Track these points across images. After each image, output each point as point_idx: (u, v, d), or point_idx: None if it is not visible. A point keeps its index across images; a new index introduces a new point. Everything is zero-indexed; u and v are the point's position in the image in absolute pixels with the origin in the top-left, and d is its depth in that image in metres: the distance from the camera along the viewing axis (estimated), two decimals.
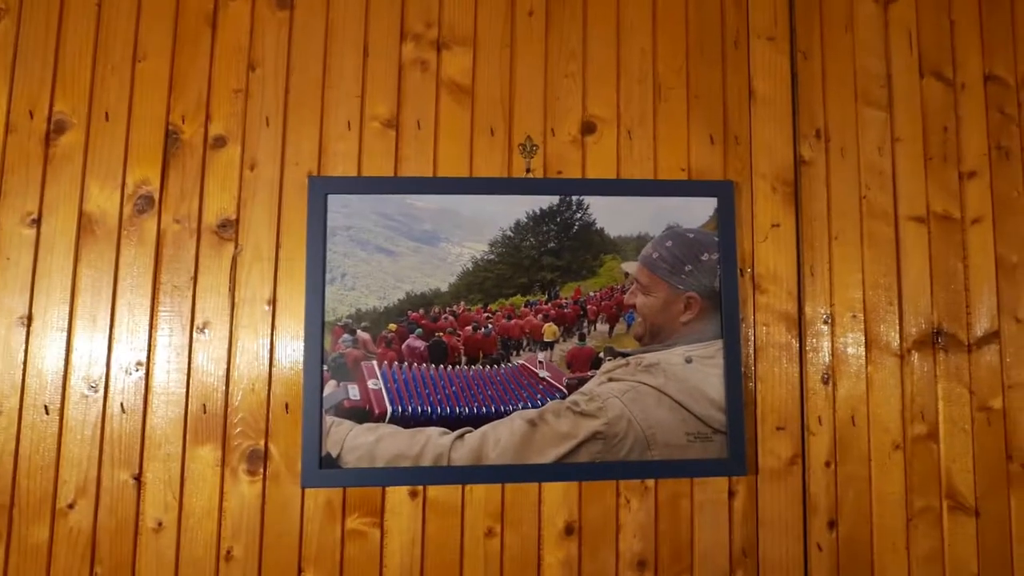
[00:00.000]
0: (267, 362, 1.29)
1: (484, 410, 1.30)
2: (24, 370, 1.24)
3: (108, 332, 1.27)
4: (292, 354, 1.29)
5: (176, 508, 1.24)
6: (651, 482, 1.33)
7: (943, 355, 1.41)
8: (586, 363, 1.33)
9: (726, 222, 1.38)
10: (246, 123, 1.34)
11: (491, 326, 1.33)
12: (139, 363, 1.27)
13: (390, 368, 1.30)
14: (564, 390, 1.32)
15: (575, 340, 1.34)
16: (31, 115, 1.30)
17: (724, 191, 1.39)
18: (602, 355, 1.33)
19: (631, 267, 1.36)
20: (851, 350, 1.40)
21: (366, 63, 1.38)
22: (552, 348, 1.34)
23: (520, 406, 1.31)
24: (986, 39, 1.50)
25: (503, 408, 1.30)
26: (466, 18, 1.40)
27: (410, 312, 1.32)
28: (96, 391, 1.26)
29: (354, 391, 1.29)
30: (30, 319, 1.26)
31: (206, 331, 1.29)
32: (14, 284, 1.26)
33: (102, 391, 1.26)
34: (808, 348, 1.39)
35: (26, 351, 1.25)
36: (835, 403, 1.39)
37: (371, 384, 1.29)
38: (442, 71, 1.39)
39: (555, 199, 1.36)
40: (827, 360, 1.39)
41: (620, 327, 1.34)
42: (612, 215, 1.37)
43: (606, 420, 1.31)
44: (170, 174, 1.32)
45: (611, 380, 1.32)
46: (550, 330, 1.34)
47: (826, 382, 1.39)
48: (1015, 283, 1.44)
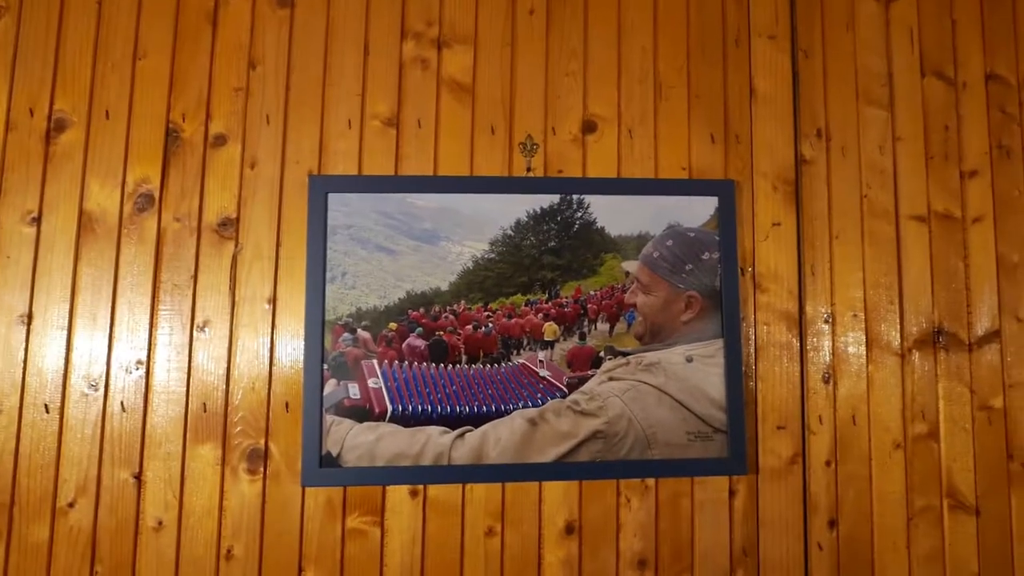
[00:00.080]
0: (267, 361, 1.29)
1: (484, 409, 1.30)
2: (24, 369, 1.24)
3: (108, 331, 1.27)
4: (292, 353, 1.29)
5: (176, 507, 1.24)
6: (651, 481, 1.33)
7: (944, 354, 1.41)
8: (586, 362, 1.33)
9: (727, 221, 1.38)
10: (246, 121, 1.34)
11: (491, 325, 1.33)
12: (139, 362, 1.27)
13: (390, 367, 1.30)
14: (564, 389, 1.32)
15: (575, 339, 1.34)
16: (31, 113, 1.30)
17: (725, 190, 1.39)
18: (602, 354, 1.33)
19: (632, 266, 1.36)
20: (852, 349, 1.40)
21: (367, 61, 1.37)
22: (552, 347, 1.34)
23: (520, 405, 1.31)
24: (987, 38, 1.50)
25: (503, 407, 1.30)
26: (467, 17, 1.40)
27: (410, 311, 1.31)
28: (96, 390, 1.25)
29: (354, 390, 1.29)
30: (30, 317, 1.26)
31: (206, 330, 1.29)
32: (14, 282, 1.26)
33: (102, 390, 1.26)
34: (809, 347, 1.39)
35: (26, 350, 1.25)
36: (836, 402, 1.38)
37: (371, 383, 1.29)
38: (443, 70, 1.39)
39: (556, 198, 1.36)
40: (828, 359, 1.39)
41: (621, 326, 1.34)
42: (613, 214, 1.37)
43: (606, 419, 1.31)
44: (170, 172, 1.32)
45: (611, 379, 1.32)
46: (550, 329, 1.34)
47: (827, 381, 1.39)
48: (1016, 282, 1.44)
